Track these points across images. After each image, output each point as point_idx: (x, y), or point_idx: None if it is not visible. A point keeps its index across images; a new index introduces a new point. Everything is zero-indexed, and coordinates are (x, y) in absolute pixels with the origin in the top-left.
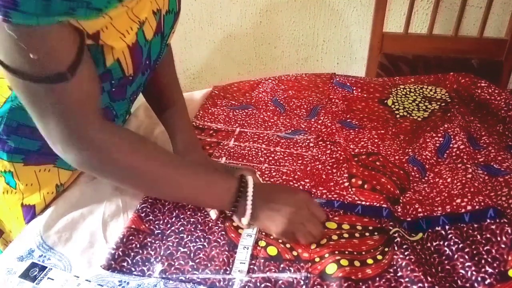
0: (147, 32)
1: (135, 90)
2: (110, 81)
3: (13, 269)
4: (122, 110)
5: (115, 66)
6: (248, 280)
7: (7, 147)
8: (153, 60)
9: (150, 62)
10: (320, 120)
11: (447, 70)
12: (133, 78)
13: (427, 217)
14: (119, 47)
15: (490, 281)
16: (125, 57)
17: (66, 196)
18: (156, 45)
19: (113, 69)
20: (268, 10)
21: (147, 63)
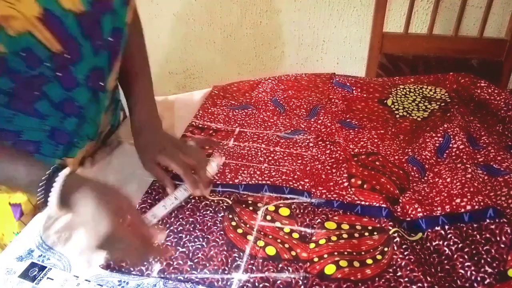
0: (63, 1)
1: (88, 74)
2: (43, 62)
3: (12, 269)
4: (85, 99)
5: (30, 41)
6: (246, 280)
7: None
8: (104, 38)
9: (100, 40)
10: (320, 120)
11: (447, 70)
12: (71, 57)
13: (427, 217)
14: (23, 16)
15: (489, 281)
16: (40, 30)
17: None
18: (107, 22)
19: (32, 46)
20: (268, 10)
21: (98, 42)
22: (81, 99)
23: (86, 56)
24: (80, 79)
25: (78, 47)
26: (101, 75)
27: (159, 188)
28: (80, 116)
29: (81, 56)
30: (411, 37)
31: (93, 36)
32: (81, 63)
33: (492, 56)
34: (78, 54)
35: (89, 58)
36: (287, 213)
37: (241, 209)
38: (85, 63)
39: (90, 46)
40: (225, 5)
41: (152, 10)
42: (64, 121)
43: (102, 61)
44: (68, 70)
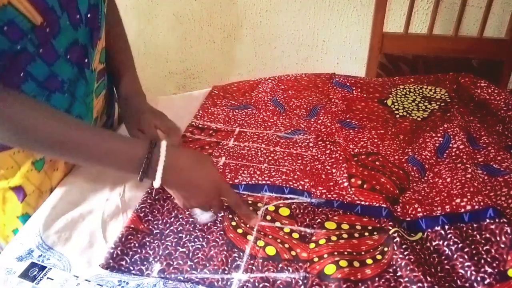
0: None
1: (68, 47)
2: (25, 35)
3: (12, 269)
4: (68, 74)
5: (12, 12)
6: (246, 280)
7: None
8: (83, 14)
9: (76, 14)
10: (320, 120)
11: (447, 70)
12: (52, 28)
13: (427, 217)
14: None
15: (489, 281)
16: (20, 1)
17: (65, 195)
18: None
19: (14, 18)
20: (268, 10)
21: (76, 16)
22: (63, 73)
23: (64, 29)
24: (60, 52)
25: (57, 19)
26: (84, 51)
27: (159, 188)
28: (67, 91)
29: (59, 29)
30: (411, 37)
31: (69, 10)
32: (60, 35)
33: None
34: (57, 26)
35: (67, 31)
36: (287, 213)
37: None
38: (64, 36)
39: (67, 19)
40: (225, 5)
41: (152, 10)
42: (50, 99)
43: (84, 37)
44: (49, 43)
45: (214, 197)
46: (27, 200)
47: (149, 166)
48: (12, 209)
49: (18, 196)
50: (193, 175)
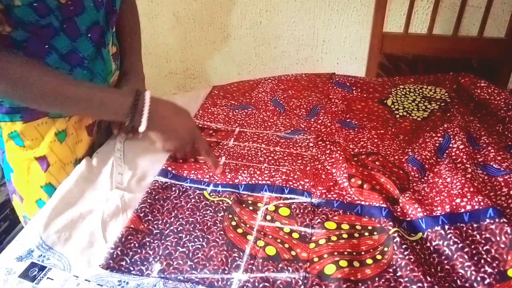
0: None
1: (90, 26)
2: (52, 12)
3: (12, 269)
4: (88, 51)
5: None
6: (246, 280)
7: (4, 109)
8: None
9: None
10: (320, 120)
11: (447, 70)
12: (75, 8)
13: (427, 217)
14: None
15: (489, 281)
16: None
17: (66, 195)
18: None
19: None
20: (268, 10)
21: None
22: (84, 50)
23: (88, 9)
24: (82, 30)
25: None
26: (101, 31)
27: (159, 188)
28: (86, 68)
29: (83, 8)
30: (411, 37)
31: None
32: (83, 14)
33: (492, 56)
34: (81, 6)
35: (90, 11)
36: (287, 213)
37: (241, 209)
38: (86, 15)
39: (92, 0)
40: (225, 5)
41: (152, 10)
42: (72, 73)
43: (102, 18)
44: (73, 20)
45: (189, 142)
46: (50, 170)
47: (136, 112)
48: (36, 179)
49: (42, 166)
50: (172, 121)
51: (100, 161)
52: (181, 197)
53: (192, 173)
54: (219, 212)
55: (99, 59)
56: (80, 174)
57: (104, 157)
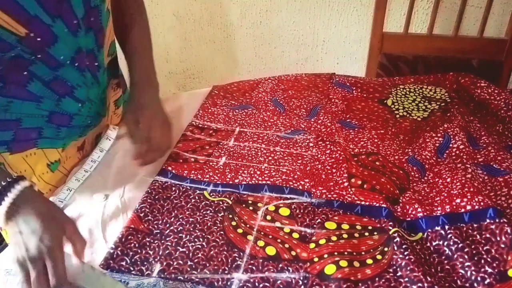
0: None
1: (73, 56)
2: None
3: (12, 269)
4: (78, 80)
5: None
6: (246, 280)
7: None
8: (80, 18)
9: (74, 19)
10: (320, 120)
11: (447, 70)
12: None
13: (427, 217)
14: None
15: (489, 281)
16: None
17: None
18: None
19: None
20: (268, 10)
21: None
22: (71, 79)
23: (62, 37)
24: (61, 60)
25: (47, 27)
26: (92, 56)
27: (159, 188)
28: (76, 98)
29: (55, 37)
30: (411, 37)
31: (63, 14)
32: (58, 44)
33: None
34: (50, 35)
35: (67, 39)
36: (287, 213)
37: (241, 209)
38: (63, 44)
39: (63, 25)
40: (225, 5)
41: (152, 10)
42: (60, 104)
43: (87, 41)
44: (45, 52)
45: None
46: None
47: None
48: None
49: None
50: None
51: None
52: (181, 197)
53: (192, 173)
54: (219, 212)
55: (95, 85)
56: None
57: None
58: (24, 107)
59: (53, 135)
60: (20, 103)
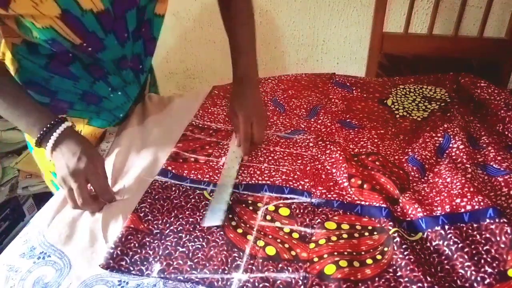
0: (83, 2)
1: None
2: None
3: (14, 266)
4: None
5: (53, 34)
6: (246, 280)
7: None
8: (131, 31)
9: (125, 32)
10: (320, 120)
11: (447, 70)
12: (94, 47)
13: (427, 217)
14: (44, 15)
15: (489, 281)
16: (60, 27)
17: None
18: (131, 16)
19: (56, 38)
20: (268, 10)
21: (124, 35)
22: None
23: (110, 47)
24: (106, 62)
25: (99, 40)
26: (138, 60)
27: (159, 188)
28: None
29: (104, 47)
30: (411, 37)
31: (117, 30)
32: (105, 52)
33: (492, 56)
34: (100, 45)
35: (114, 49)
36: (287, 213)
37: (241, 209)
38: (110, 52)
39: (114, 38)
40: None
41: None
42: (94, 86)
43: (132, 49)
44: (93, 55)
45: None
46: None
47: (43, 139)
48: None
49: None
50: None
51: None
52: (181, 197)
53: (192, 173)
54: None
55: (134, 83)
56: None
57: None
58: (63, 83)
59: (83, 108)
60: (60, 79)
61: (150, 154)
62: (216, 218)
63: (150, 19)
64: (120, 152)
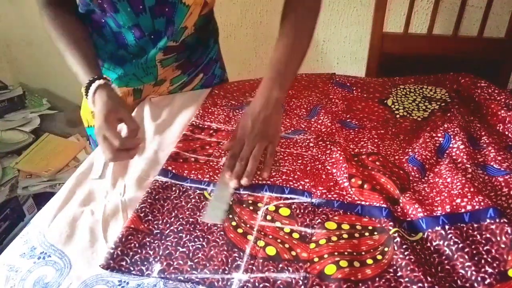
0: None
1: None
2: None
3: (15, 266)
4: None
5: None
6: (246, 280)
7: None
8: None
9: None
10: (320, 120)
11: (447, 70)
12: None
13: (427, 217)
14: None
15: (489, 281)
16: None
17: (68, 195)
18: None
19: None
20: (268, 10)
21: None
22: (128, 39)
23: (124, 12)
24: (121, 24)
25: (112, 3)
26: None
27: (159, 188)
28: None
29: (117, 10)
30: (411, 37)
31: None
32: (119, 14)
33: (492, 56)
34: (113, 7)
35: (128, 15)
36: (287, 213)
37: (241, 209)
38: (124, 16)
39: (128, 6)
40: (225, 5)
41: None
42: (118, 51)
43: (158, 24)
44: (111, 15)
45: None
46: None
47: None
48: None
49: None
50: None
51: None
52: (181, 197)
53: (192, 173)
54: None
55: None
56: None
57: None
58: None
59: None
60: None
61: (150, 154)
62: (216, 216)
63: (174, 3)
64: None
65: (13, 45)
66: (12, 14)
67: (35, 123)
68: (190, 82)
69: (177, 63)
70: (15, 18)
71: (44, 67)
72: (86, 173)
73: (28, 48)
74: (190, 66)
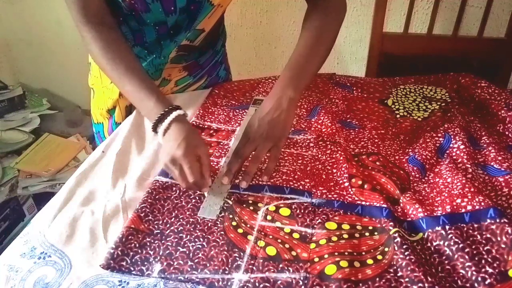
0: None
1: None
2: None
3: (15, 266)
4: (151, 38)
5: None
6: (247, 280)
7: None
8: (178, 8)
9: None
10: (320, 120)
11: (447, 70)
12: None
13: (427, 217)
14: None
15: (490, 281)
16: None
17: (68, 195)
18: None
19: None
20: (268, 10)
21: (170, 7)
22: (148, 36)
23: (154, 11)
24: (147, 22)
25: (146, 3)
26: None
27: (159, 188)
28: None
29: (149, 9)
30: (411, 37)
31: (164, 2)
32: (148, 14)
33: (492, 56)
34: (145, 7)
35: (157, 14)
36: (288, 213)
37: (242, 209)
38: (153, 15)
39: (160, 6)
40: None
41: None
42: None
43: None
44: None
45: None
46: None
47: (157, 126)
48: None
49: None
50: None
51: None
52: (182, 197)
53: None
54: (220, 212)
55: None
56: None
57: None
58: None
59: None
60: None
61: (150, 154)
62: (212, 211)
63: (200, 2)
64: (120, 152)
65: (13, 45)
66: (12, 14)
67: (35, 123)
68: (195, 83)
69: (185, 64)
70: (15, 18)
71: (44, 67)
72: (86, 173)
73: (28, 48)
74: (197, 68)
